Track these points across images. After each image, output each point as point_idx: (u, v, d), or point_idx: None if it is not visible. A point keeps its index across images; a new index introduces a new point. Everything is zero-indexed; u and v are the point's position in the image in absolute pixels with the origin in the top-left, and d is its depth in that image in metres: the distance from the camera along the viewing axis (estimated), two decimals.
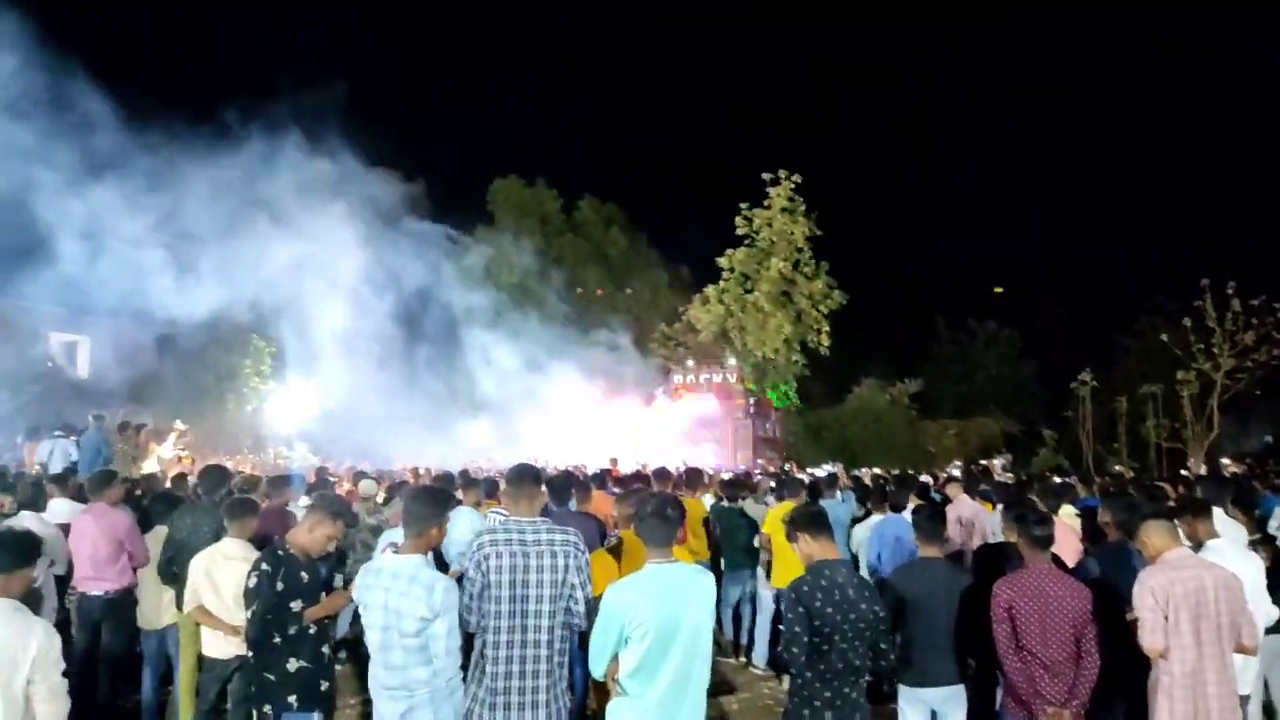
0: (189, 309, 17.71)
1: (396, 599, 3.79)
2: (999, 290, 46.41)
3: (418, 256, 23.77)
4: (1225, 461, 22.60)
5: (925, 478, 15.46)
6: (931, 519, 5.18)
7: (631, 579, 3.79)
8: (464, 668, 3.95)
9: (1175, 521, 5.32)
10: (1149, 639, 4.23)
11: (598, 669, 3.79)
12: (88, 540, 6.23)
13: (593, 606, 3.89)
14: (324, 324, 21.90)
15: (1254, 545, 5.85)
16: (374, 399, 22.37)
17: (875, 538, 7.45)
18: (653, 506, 3.89)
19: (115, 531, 6.26)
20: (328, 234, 20.95)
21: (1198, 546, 5.00)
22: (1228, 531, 5.70)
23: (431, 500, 4.11)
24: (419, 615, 3.74)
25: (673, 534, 3.87)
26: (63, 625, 6.05)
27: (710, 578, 3.93)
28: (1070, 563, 5.53)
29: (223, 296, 18.55)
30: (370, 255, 22.76)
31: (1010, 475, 20.86)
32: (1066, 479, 10.60)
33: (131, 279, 16.63)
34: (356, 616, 7.09)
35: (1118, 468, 25.93)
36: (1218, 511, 5.72)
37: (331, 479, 11.37)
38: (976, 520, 8.45)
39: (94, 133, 16.02)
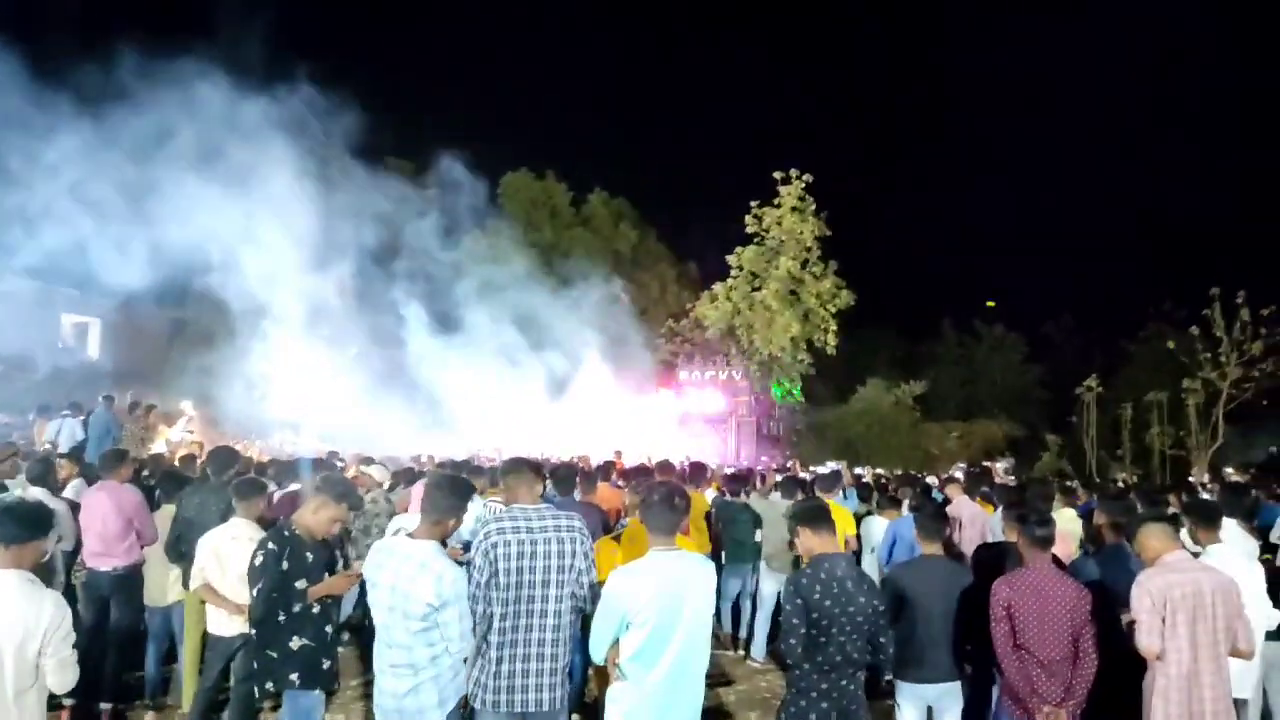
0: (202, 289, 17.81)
1: (405, 582, 3.83)
2: (991, 304, 46.35)
3: (426, 243, 23.84)
4: (1229, 471, 22.56)
5: (930, 478, 15.49)
6: (932, 518, 5.23)
7: (634, 565, 3.84)
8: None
9: (1180, 524, 5.37)
10: (1146, 641, 4.26)
11: (598, 654, 3.84)
12: (97, 517, 6.30)
13: (597, 592, 3.95)
14: (331, 311, 22.00)
15: (1263, 559, 5.84)
16: (379, 387, 22.45)
17: (890, 536, 7.53)
18: (660, 494, 3.94)
19: (124, 509, 6.33)
20: (329, 220, 21.04)
21: (1196, 553, 5.05)
22: (1240, 543, 5.71)
23: (454, 491, 4.12)
24: (426, 601, 3.79)
25: (678, 522, 3.92)
26: (68, 599, 6.12)
27: (712, 566, 3.98)
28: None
29: (236, 278, 18.68)
30: (377, 240, 22.86)
31: (1012, 478, 20.87)
32: (1068, 483, 10.61)
33: (154, 268, 16.80)
34: (360, 598, 7.17)
35: (1121, 475, 25.92)
36: (1230, 522, 5.72)
37: (339, 463, 11.44)
38: (976, 521, 8.50)
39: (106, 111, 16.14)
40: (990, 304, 46.75)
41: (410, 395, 22.78)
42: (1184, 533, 5.56)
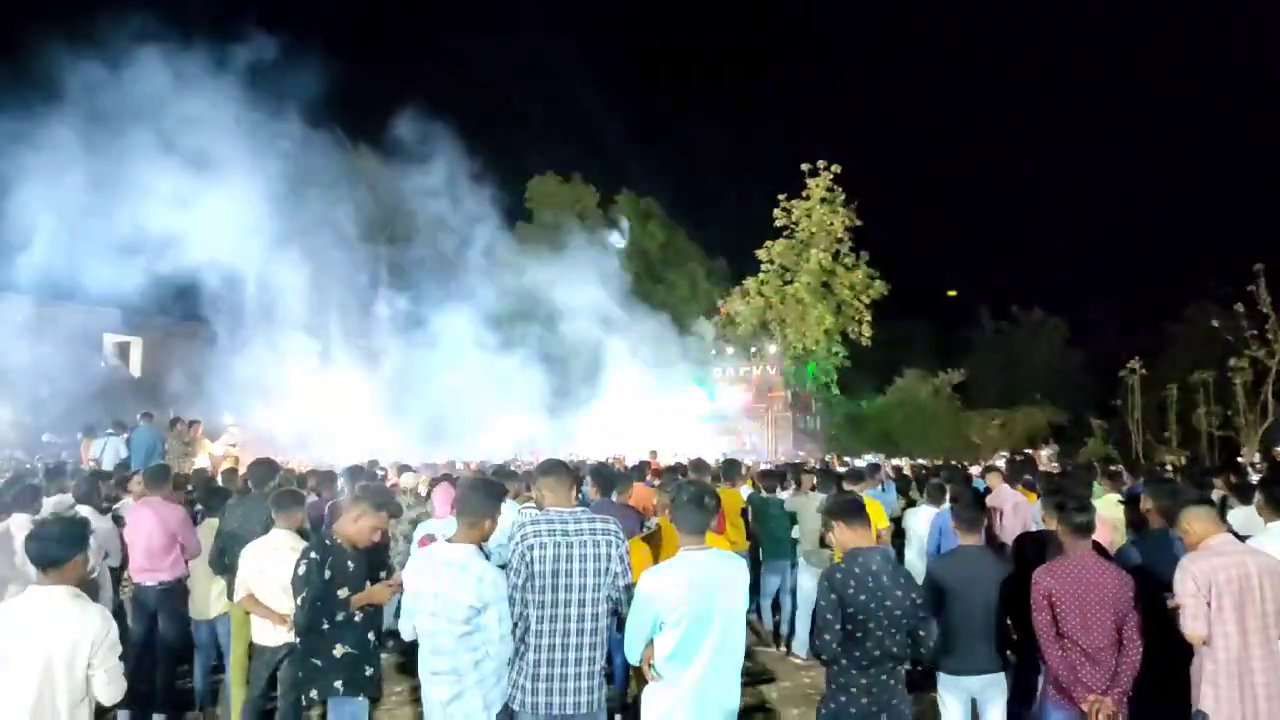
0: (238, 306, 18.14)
1: (447, 587, 3.89)
2: (953, 294, 45.58)
3: (456, 251, 24.04)
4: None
5: (974, 468, 15.30)
6: (970, 508, 5.17)
7: (665, 565, 3.84)
8: None
9: (1229, 505, 5.27)
10: (1191, 625, 4.18)
11: (633, 655, 3.85)
12: (142, 532, 6.43)
13: (632, 593, 3.96)
14: (370, 321, 22.29)
15: None
16: (419, 395, 22.68)
17: (936, 528, 7.46)
18: (689, 494, 3.94)
19: (168, 524, 6.44)
20: (363, 233, 21.31)
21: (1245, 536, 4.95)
22: None
23: (487, 492, 4.19)
24: (468, 604, 3.83)
25: (707, 521, 3.91)
26: (117, 614, 6.26)
27: (743, 564, 3.97)
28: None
29: (270, 294, 18.99)
30: (406, 250, 23.09)
31: (1056, 465, 20.56)
32: (1112, 468, 10.43)
33: (193, 285, 17.14)
34: (399, 607, 7.26)
35: (1169, 457, 25.43)
36: None
37: (380, 471, 11.59)
38: (1019, 510, 8.38)
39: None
40: (951, 293, 46.06)
41: (446, 401, 22.97)
42: (1247, 510, 5.45)
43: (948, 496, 8.54)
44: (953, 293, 45.80)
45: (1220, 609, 4.15)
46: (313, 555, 4.49)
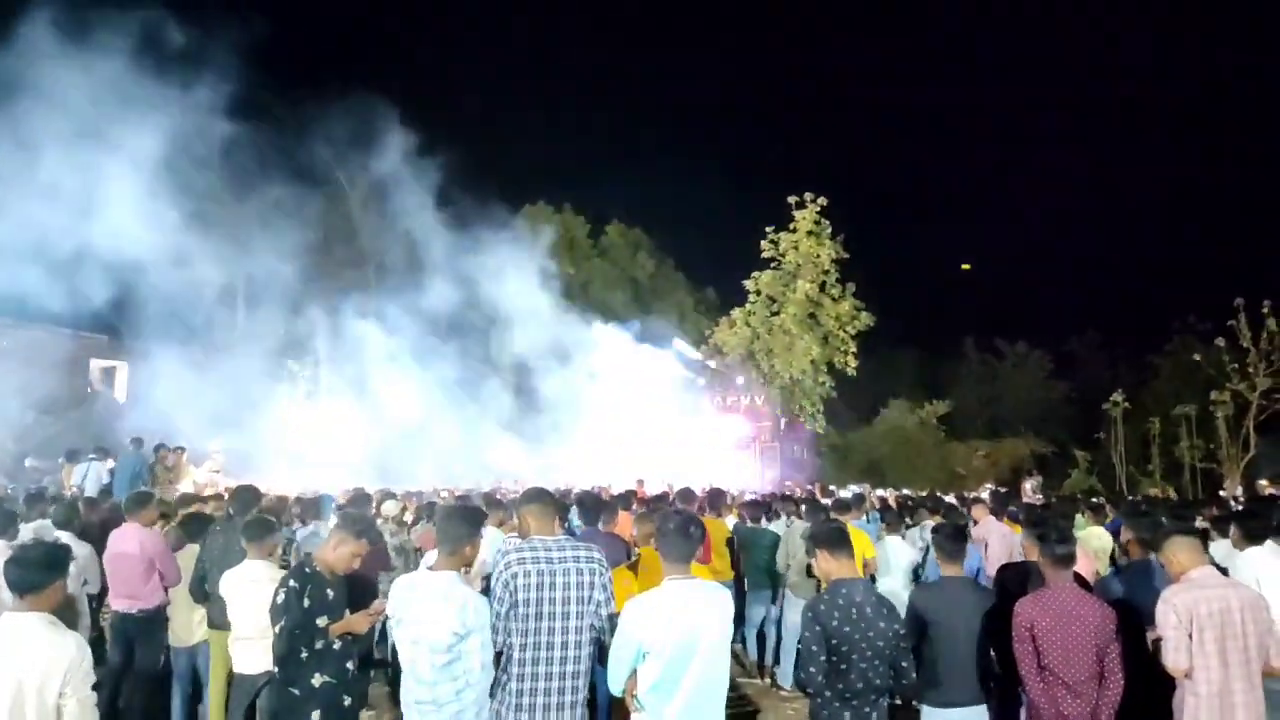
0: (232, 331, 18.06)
1: (429, 615, 3.87)
2: (966, 266, 45.88)
3: (448, 275, 24.03)
4: (1262, 483, 22.15)
5: (949, 497, 15.33)
6: (952, 538, 5.17)
7: (649, 595, 3.83)
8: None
9: (1210, 538, 5.33)
10: (1173, 658, 4.19)
11: (616, 685, 3.83)
12: (122, 559, 6.36)
13: (615, 623, 3.94)
14: (356, 347, 22.26)
15: None
16: (406, 423, 22.58)
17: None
18: (675, 523, 3.94)
19: (147, 551, 6.37)
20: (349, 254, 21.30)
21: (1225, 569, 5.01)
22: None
23: (464, 519, 4.20)
24: (451, 630, 3.81)
25: (693, 551, 3.91)
26: (95, 642, 6.18)
27: (728, 594, 3.96)
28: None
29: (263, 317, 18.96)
30: (396, 274, 23.11)
31: (1040, 497, 20.61)
32: (1094, 500, 10.49)
33: (182, 311, 17.08)
34: (383, 635, 7.19)
35: (1152, 490, 25.53)
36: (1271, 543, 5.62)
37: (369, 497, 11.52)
38: (1004, 541, 8.41)
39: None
40: (965, 266, 46.28)
41: (436, 427, 22.88)
42: (1229, 543, 5.52)
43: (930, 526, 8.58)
44: (966, 265, 46.08)
45: (1202, 642, 4.16)
46: (292, 583, 4.46)
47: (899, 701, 4.87)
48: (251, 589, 5.21)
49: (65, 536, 6.45)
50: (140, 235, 16.24)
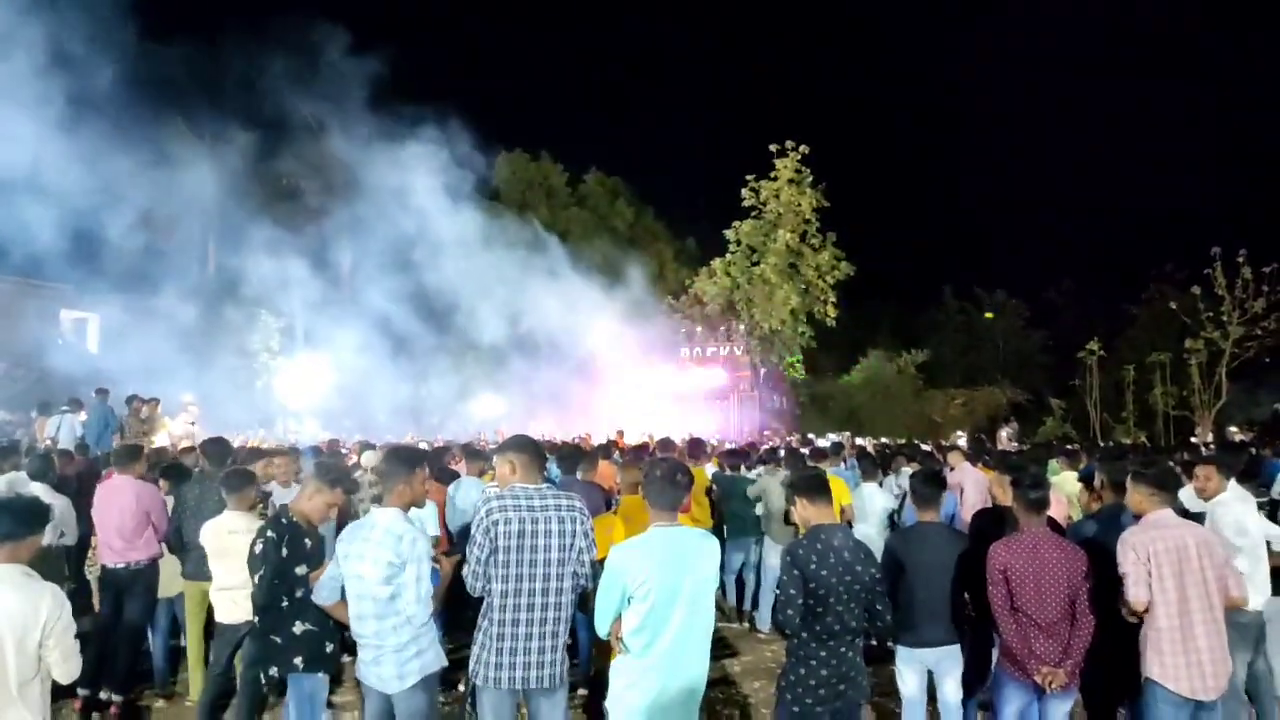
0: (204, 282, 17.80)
1: (372, 549, 3.96)
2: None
3: (423, 229, 23.74)
4: (1233, 429, 22.57)
5: (925, 446, 15.51)
6: (928, 484, 5.24)
7: (635, 540, 3.86)
8: (471, 628, 4.05)
9: (1197, 472, 5.51)
10: (1133, 592, 4.30)
11: (602, 628, 3.88)
12: (114, 512, 6.21)
13: (597, 570, 3.98)
14: (330, 298, 22.05)
15: (1261, 508, 5.95)
16: (384, 374, 22.50)
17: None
18: (662, 470, 3.96)
19: (143, 504, 6.27)
20: (323, 207, 21.02)
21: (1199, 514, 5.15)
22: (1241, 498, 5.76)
23: (399, 459, 4.30)
24: (387, 561, 3.90)
25: (680, 498, 3.93)
26: (74, 594, 6.15)
27: (715, 541, 3.99)
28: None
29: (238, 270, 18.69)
30: (377, 228, 22.83)
31: (1016, 444, 20.90)
32: (1069, 446, 10.64)
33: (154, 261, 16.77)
34: None
35: (1125, 437, 25.93)
36: (1230, 482, 5.74)
37: (344, 451, 11.52)
38: (980, 487, 8.52)
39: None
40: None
41: (410, 381, 22.83)
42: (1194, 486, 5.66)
43: (906, 473, 8.67)
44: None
45: (1161, 578, 4.28)
46: (270, 533, 4.47)
47: (875, 642, 4.93)
48: (231, 540, 5.20)
49: (39, 489, 6.38)
50: (103, 182, 15.91)
